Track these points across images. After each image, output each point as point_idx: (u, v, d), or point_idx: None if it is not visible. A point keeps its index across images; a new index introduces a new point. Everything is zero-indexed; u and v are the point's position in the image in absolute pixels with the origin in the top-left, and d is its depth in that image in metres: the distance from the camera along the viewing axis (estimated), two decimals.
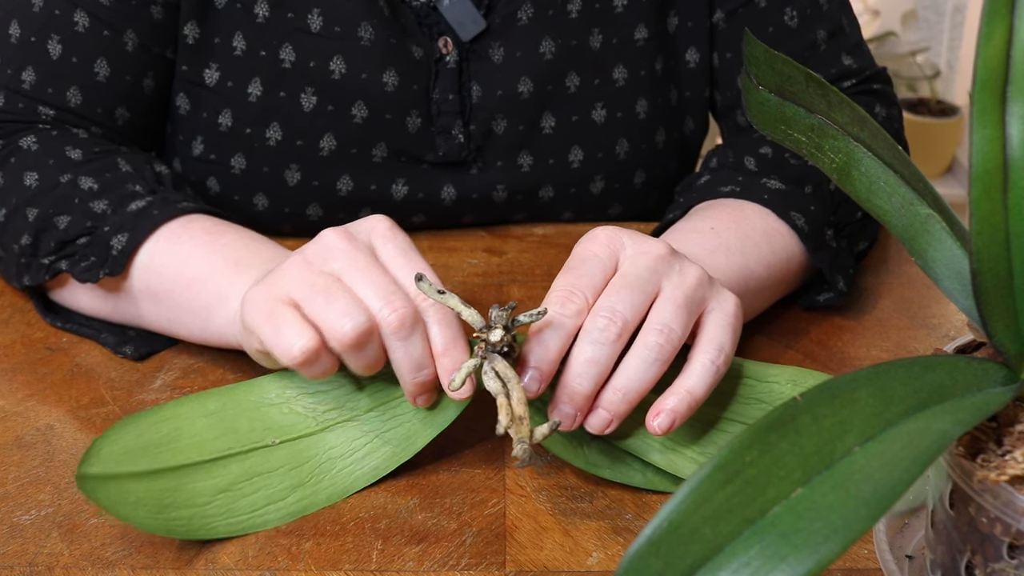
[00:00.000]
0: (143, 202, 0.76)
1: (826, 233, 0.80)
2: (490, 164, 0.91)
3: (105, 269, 0.74)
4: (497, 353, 0.59)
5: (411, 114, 0.88)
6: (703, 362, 0.61)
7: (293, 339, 0.59)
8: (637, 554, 0.38)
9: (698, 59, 0.93)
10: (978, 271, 0.46)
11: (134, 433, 0.63)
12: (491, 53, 0.88)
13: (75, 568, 0.58)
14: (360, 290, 0.60)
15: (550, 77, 0.89)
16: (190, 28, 0.86)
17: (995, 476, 0.45)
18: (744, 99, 0.59)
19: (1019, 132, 0.45)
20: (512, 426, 0.57)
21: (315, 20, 0.86)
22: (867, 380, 0.43)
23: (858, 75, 0.92)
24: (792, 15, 0.90)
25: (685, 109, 0.95)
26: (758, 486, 0.39)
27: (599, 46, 0.90)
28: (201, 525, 0.60)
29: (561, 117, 0.91)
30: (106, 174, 0.78)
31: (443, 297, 0.60)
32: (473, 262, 0.90)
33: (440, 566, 0.59)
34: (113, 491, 0.60)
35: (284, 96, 0.87)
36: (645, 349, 0.60)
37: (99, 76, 0.84)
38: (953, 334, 0.80)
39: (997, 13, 0.44)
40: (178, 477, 0.62)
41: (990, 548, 0.46)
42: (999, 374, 0.47)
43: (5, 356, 0.76)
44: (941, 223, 0.50)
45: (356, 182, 0.90)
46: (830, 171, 0.54)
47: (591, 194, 0.94)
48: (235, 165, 0.89)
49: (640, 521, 0.62)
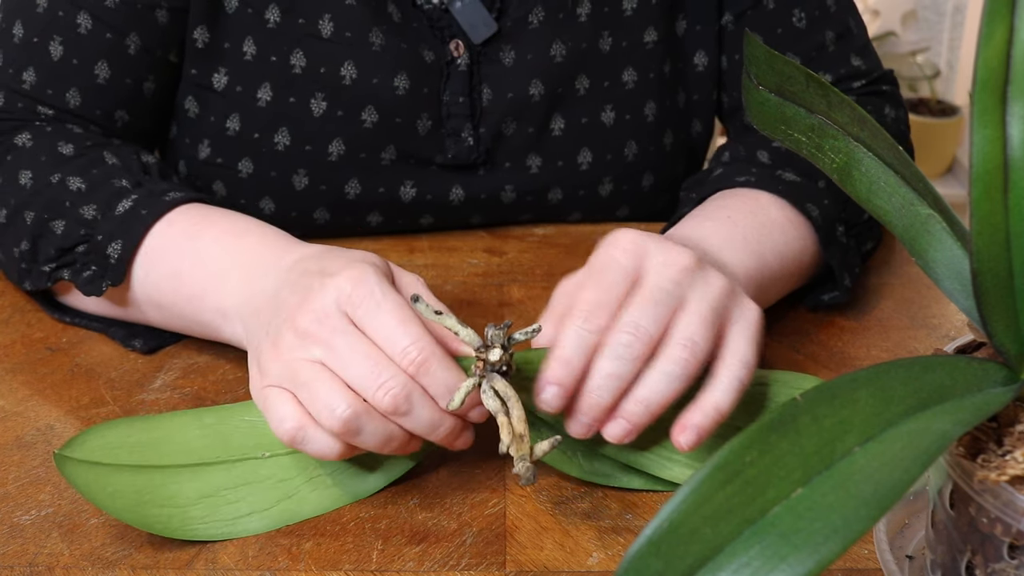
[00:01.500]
0: (129, 201, 0.75)
1: (837, 229, 0.80)
2: (499, 166, 0.91)
3: (107, 280, 0.74)
4: (496, 372, 0.59)
5: (421, 117, 0.88)
6: (729, 378, 0.60)
7: (281, 417, 0.60)
8: (637, 554, 0.38)
9: (706, 62, 0.93)
10: (978, 271, 0.46)
11: (125, 432, 0.63)
12: (502, 56, 0.88)
13: (75, 568, 0.58)
14: (346, 374, 0.58)
15: (560, 79, 0.90)
16: (200, 32, 0.86)
17: (995, 476, 0.45)
18: (744, 99, 0.59)
19: (1019, 132, 0.45)
20: (514, 445, 0.57)
21: (326, 26, 0.86)
22: (867, 380, 0.43)
23: (867, 76, 0.93)
24: (800, 17, 0.91)
25: (692, 112, 0.95)
26: (758, 486, 0.39)
27: (609, 48, 0.90)
28: (180, 525, 0.60)
29: (570, 119, 0.91)
30: (93, 170, 0.78)
31: (440, 318, 0.59)
32: (473, 262, 0.90)
33: (440, 566, 0.59)
34: (91, 478, 0.60)
35: (294, 101, 0.87)
36: (671, 364, 0.59)
37: (99, 78, 0.84)
38: (953, 334, 0.80)
39: (997, 13, 0.44)
40: (161, 475, 0.62)
41: (990, 548, 0.46)
42: (999, 374, 0.47)
43: (5, 356, 0.77)
44: (941, 223, 0.50)
45: (364, 185, 0.90)
46: (830, 171, 0.54)
47: (599, 196, 0.94)
48: (242, 169, 0.89)
49: (640, 521, 0.62)
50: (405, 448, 0.60)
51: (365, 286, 0.60)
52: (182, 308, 0.73)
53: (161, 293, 0.73)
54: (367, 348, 0.58)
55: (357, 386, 0.58)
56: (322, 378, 0.58)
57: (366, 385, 0.58)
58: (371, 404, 0.58)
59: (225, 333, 0.71)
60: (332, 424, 0.58)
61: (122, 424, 0.64)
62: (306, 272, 0.63)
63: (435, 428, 0.59)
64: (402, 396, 0.58)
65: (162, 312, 0.75)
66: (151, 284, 0.74)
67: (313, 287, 0.61)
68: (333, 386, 0.58)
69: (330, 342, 0.59)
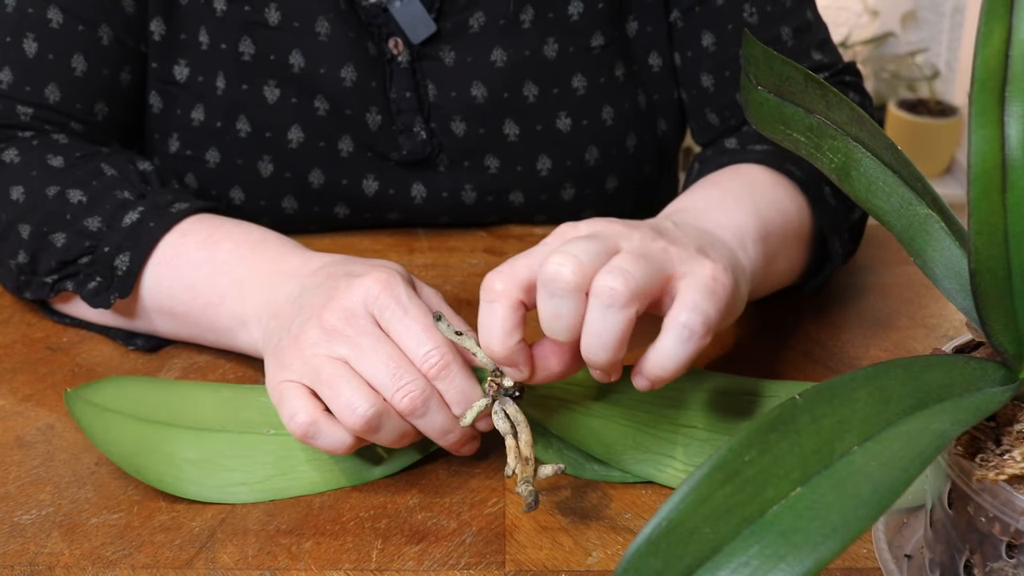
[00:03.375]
0: (136, 213, 0.75)
1: (824, 189, 0.80)
2: (457, 164, 0.91)
3: (114, 292, 0.74)
4: (508, 396, 0.60)
5: (371, 111, 0.88)
6: (676, 324, 0.56)
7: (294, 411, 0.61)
8: (637, 553, 0.38)
9: (661, 62, 0.92)
10: (977, 271, 0.46)
11: (142, 388, 0.67)
12: (442, 56, 0.88)
13: (75, 568, 0.58)
14: (368, 373, 0.61)
15: (504, 85, 0.89)
16: (156, 24, 0.86)
17: (994, 475, 0.45)
18: (743, 99, 0.59)
19: (1017, 132, 0.45)
20: (519, 467, 0.59)
21: (272, 14, 0.86)
22: (866, 380, 0.43)
23: (829, 69, 0.92)
24: (752, 12, 0.89)
25: (656, 112, 0.94)
26: (757, 485, 0.39)
27: (555, 55, 0.89)
28: (172, 481, 0.63)
29: (525, 126, 0.90)
30: (92, 182, 0.78)
31: (460, 338, 0.61)
32: (473, 262, 0.90)
33: (440, 566, 0.59)
34: (96, 419, 0.64)
35: (247, 89, 0.87)
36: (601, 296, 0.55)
37: (76, 71, 0.84)
38: (952, 334, 0.80)
39: (996, 13, 0.44)
40: (166, 431, 0.65)
41: (989, 547, 0.46)
42: (997, 374, 0.47)
43: (5, 356, 0.77)
44: (940, 223, 0.50)
45: (327, 176, 0.90)
46: (829, 171, 0.54)
47: (562, 200, 0.94)
48: (210, 159, 0.89)
49: (639, 521, 0.62)
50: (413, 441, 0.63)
51: (392, 290, 0.62)
52: (197, 317, 0.73)
53: (175, 302, 0.74)
54: (390, 349, 0.61)
55: (378, 385, 0.60)
56: (346, 376, 0.61)
57: (387, 384, 0.60)
58: (389, 404, 0.60)
59: (240, 340, 0.71)
60: (354, 422, 0.60)
61: (141, 380, 0.68)
62: (331, 275, 0.65)
63: (446, 434, 0.62)
64: (420, 399, 0.60)
65: (174, 321, 0.75)
66: (164, 293, 0.74)
67: (340, 287, 0.63)
68: (356, 385, 0.60)
69: (356, 340, 0.61)
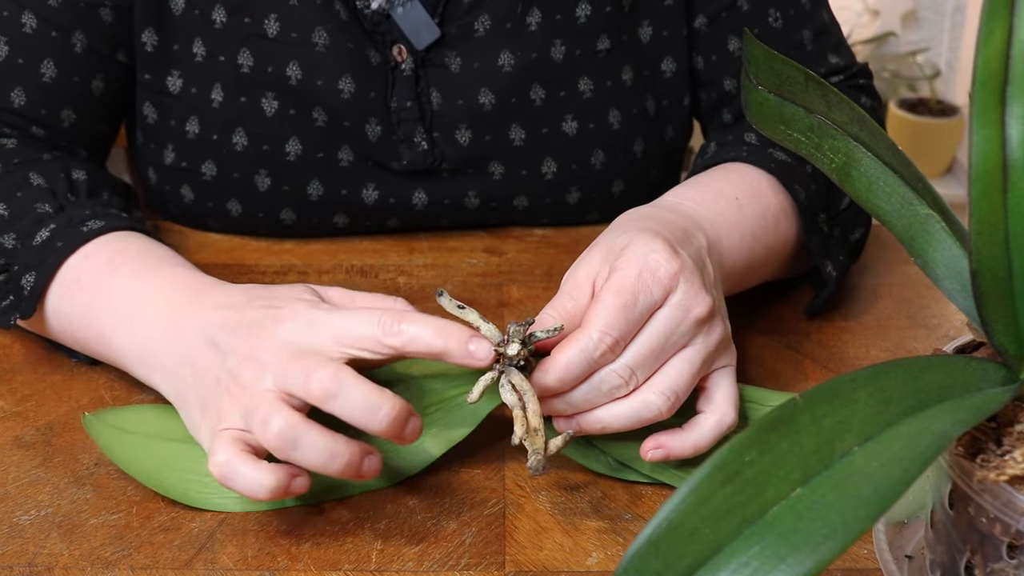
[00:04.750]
0: (47, 231, 0.73)
1: (819, 216, 0.80)
2: (460, 171, 0.90)
3: (15, 313, 0.73)
4: (513, 367, 0.60)
5: (370, 122, 0.87)
6: (717, 421, 0.63)
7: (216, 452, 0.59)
8: (637, 554, 0.38)
9: (675, 68, 0.92)
10: (977, 271, 0.46)
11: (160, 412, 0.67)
12: (448, 62, 0.87)
13: (75, 568, 0.58)
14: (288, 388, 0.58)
15: (512, 90, 0.88)
16: (148, 35, 0.86)
17: (994, 476, 0.45)
18: (744, 99, 0.59)
19: (1018, 132, 0.45)
20: (527, 437, 0.59)
21: (271, 25, 0.85)
22: (867, 380, 0.43)
23: (845, 71, 0.92)
24: (776, 16, 0.90)
25: (664, 118, 0.94)
26: (757, 486, 0.39)
27: (562, 58, 0.88)
28: (196, 494, 0.63)
29: (531, 130, 0.90)
30: (17, 194, 0.77)
31: (463, 312, 0.61)
32: (473, 262, 0.90)
33: (440, 566, 0.59)
34: (116, 439, 0.65)
35: (245, 101, 0.86)
36: (644, 408, 0.61)
37: (45, 77, 0.84)
38: (952, 334, 0.80)
39: (996, 13, 0.44)
40: (187, 448, 0.65)
41: (989, 548, 0.46)
42: (998, 374, 0.47)
43: (5, 356, 0.76)
44: (940, 223, 0.50)
45: (326, 187, 0.89)
46: (829, 171, 0.54)
47: (567, 203, 0.93)
48: (206, 172, 0.89)
49: (639, 521, 0.62)
50: (357, 467, 0.58)
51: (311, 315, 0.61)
52: (94, 347, 0.71)
53: (73, 327, 0.72)
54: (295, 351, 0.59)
55: (291, 388, 0.58)
56: (267, 399, 0.58)
57: (299, 382, 0.57)
58: (301, 397, 0.57)
59: (138, 374, 0.69)
60: (269, 439, 0.57)
61: (157, 408, 0.68)
62: (242, 315, 0.63)
63: (374, 413, 0.57)
64: (330, 379, 0.57)
65: (78, 346, 0.73)
66: (65, 318, 0.72)
67: (264, 323, 0.61)
68: (272, 401, 0.58)
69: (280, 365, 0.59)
